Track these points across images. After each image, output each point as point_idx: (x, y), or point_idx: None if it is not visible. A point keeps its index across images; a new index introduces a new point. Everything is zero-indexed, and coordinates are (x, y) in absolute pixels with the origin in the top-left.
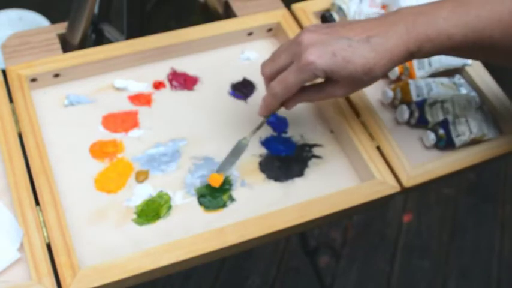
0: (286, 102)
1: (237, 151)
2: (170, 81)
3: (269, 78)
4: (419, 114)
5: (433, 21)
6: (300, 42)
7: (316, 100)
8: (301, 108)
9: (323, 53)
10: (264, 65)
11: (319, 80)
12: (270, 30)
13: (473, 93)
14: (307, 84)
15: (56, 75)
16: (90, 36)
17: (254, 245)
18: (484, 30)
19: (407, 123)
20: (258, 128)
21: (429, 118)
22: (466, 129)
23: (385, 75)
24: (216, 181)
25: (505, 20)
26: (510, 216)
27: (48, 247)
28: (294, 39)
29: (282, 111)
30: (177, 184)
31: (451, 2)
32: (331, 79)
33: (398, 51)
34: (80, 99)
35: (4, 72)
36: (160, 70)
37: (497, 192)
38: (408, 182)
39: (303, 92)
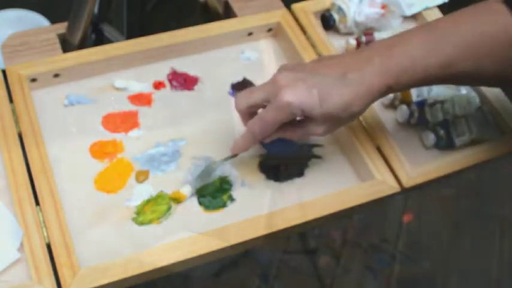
0: (264, 139)
1: (204, 175)
2: (170, 81)
3: (243, 112)
4: (419, 115)
5: (406, 52)
6: (276, 82)
7: (296, 138)
8: None
9: (299, 92)
10: (238, 98)
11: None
12: (270, 30)
13: (473, 94)
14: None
15: (56, 75)
16: (90, 36)
17: (254, 245)
18: (457, 59)
19: (408, 123)
20: (231, 158)
21: (429, 118)
22: (466, 129)
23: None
24: (177, 199)
25: (475, 50)
26: (510, 216)
27: (48, 247)
28: (270, 79)
29: None
30: (177, 184)
31: (421, 31)
32: (309, 117)
33: (375, 86)
34: (80, 99)
35: (4, 72)
36: (160, 70)
37: (497, 192)
38: (408, 182)
39: (282, 129)
